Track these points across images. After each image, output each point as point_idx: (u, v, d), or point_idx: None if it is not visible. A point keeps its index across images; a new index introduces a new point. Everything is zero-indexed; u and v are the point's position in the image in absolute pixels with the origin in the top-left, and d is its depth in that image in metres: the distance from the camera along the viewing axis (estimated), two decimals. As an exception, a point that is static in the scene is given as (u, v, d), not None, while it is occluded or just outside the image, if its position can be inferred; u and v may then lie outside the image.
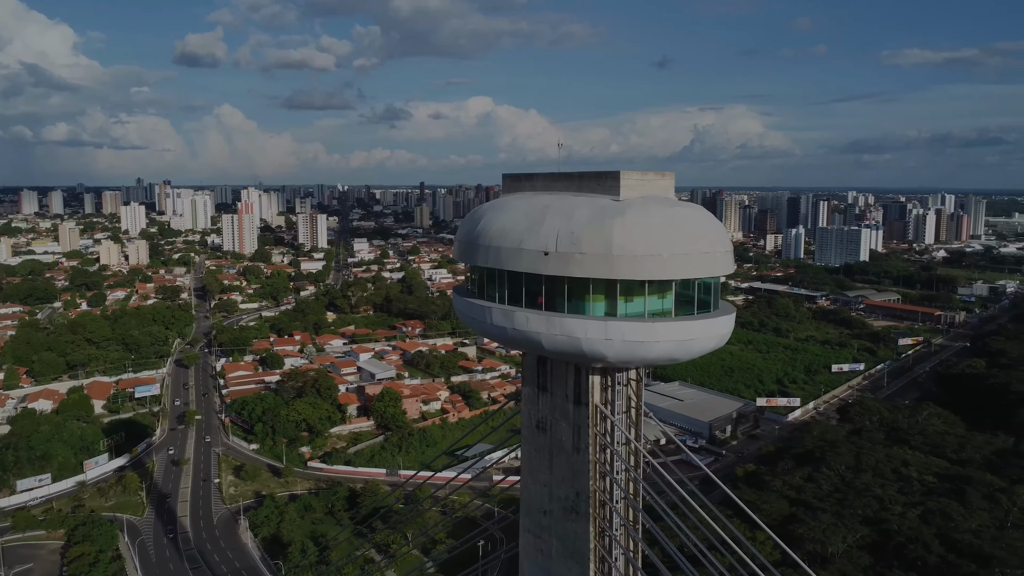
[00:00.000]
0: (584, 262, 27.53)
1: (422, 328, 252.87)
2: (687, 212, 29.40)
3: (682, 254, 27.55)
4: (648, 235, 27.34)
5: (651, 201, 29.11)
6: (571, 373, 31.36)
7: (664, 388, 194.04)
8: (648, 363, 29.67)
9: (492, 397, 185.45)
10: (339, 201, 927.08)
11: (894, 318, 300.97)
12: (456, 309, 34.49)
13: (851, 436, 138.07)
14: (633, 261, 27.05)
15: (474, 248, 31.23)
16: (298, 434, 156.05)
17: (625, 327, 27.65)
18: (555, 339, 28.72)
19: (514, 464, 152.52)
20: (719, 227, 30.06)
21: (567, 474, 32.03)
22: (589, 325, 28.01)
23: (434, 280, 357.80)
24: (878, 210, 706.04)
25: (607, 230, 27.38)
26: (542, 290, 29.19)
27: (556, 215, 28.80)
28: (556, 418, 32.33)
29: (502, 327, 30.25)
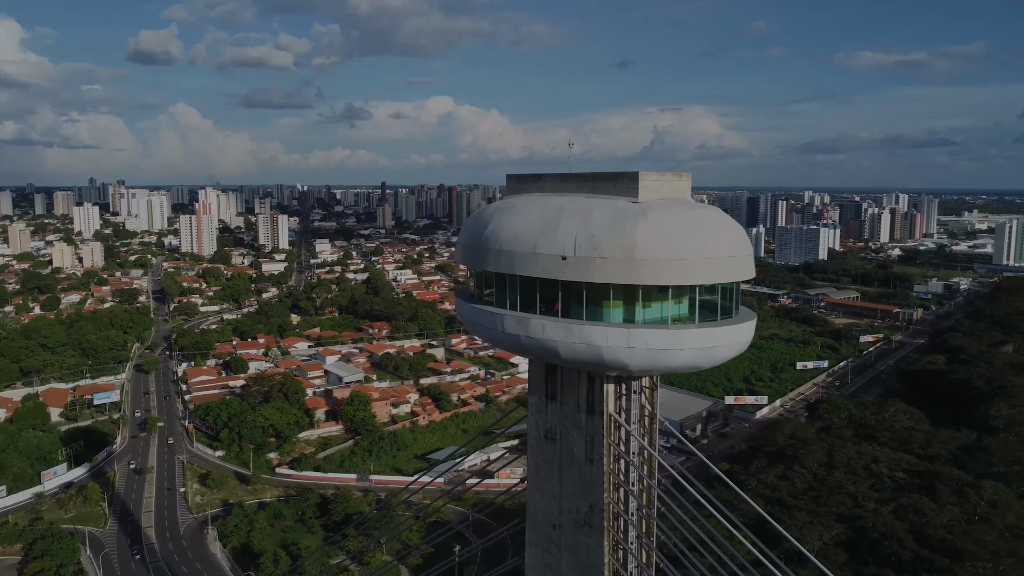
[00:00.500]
0: (605, 267, 26.43)
1: (389, 330, 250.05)
2: (709, 215, 28.52)
3: (707, 258, 26.63)
4: (672, 239, 26.36)
5: (672, 203, 28.15)
6: (583, 382, 30.26)
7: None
8: (670, 371, 28.76)
9: (462, 399, 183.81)
10: (299, 201, 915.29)
11: (854, 315, 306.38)
12: (460, 315, 33.15)
13: (821, 434, 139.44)
14: (657, 266, 26.04)
15: (482, 252, 29.94)
16: (265, 440, 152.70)
17: (648, 334, 26.65)
18: (573, 347, 27.59)
19: (485, 467, 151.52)
20: (740, 230, 29.26)
21: (579, 486, 30.93)
22: (610, 332, 26.94)
23: (399, 281, 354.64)
24: (835, 209, 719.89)
25: (629, 233, 26.32)
26: (558, 296, 28.04)
27: (573, 218, 27.66)
28: (567, 428, 31.19)
29: (514, 335, 29.03)
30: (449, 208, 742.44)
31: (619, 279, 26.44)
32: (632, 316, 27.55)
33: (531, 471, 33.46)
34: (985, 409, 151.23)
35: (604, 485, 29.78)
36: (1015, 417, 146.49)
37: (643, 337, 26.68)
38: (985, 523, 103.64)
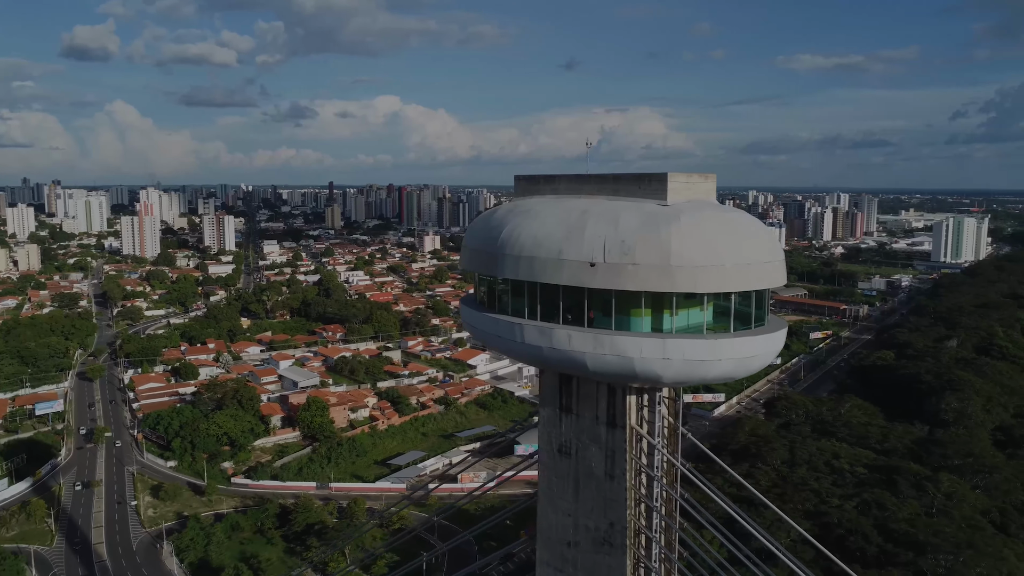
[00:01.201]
0: (638, 274, 25.08)
1: (343, 333, 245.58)
2: (742, 218, 27.42)
3: (744, 264, 25.49)
4: (708, 243, 25.16)
5: (702, 206, 26.99)
6: (603, 393, 28.88)
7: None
8: (704, 383, 27.63)
9: (421, 402, 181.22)
10: (244, 202, 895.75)
11: (802, 312, 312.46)
12: (468, 325, 31.45)
13: (781, 431, 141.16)
14: (694, 272, 24.80)
15: (496, 258, 28.30)
16: (219, 449, 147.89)
17: (685, 345, 25.40)
18: (603, 359, 26.17)
19: (448, 471, 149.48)
20: (773, 234, 28.26)
21: (598, 503, 29.54)
22: (644, 343, 25.59)
23: (352, 283, 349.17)
24: (779, 209, 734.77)
25: (663, 238, 25.02)
26: (585, 305, 26.58)
27: (599, 221, 26.23)
28: (584, 442, 29.78)
29: (536, 346, 27.47)
30: (399, 208, 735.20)
31: (653, 287, 25.15)
32: (660, 325, 26.30)
33: (543, 487, 31.94)
34: (935, 403, 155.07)
35: (627, 502, 28.45)
36: (964, 410, 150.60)
37: (679, 348, 25.43)
38: (944, 515, 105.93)
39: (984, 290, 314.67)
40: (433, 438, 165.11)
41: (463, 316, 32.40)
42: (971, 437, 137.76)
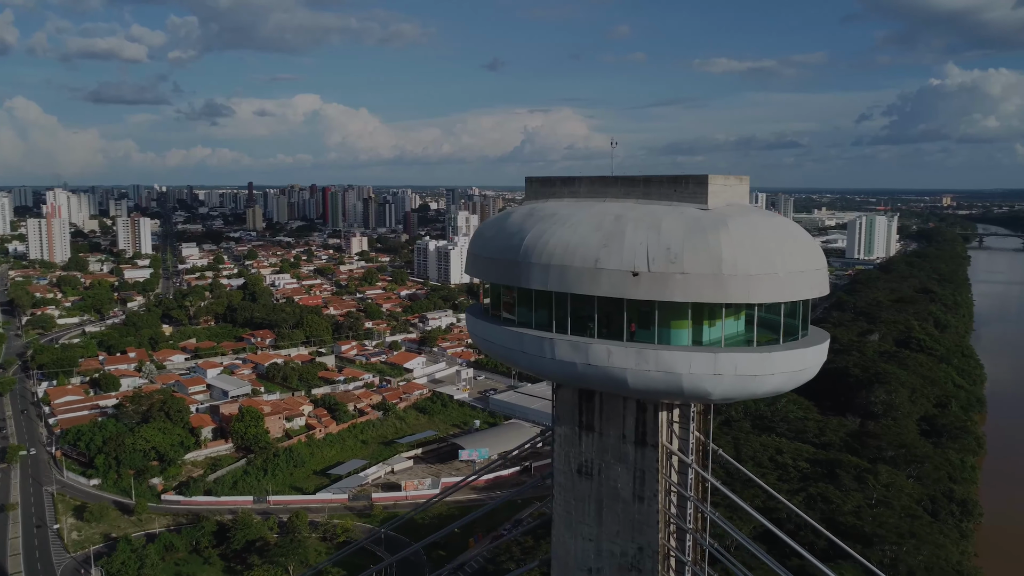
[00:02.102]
0: (687, 283, 23.36)
1: (273, 338, 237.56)
2: (787, 223, 26.08)
3: (797, 272, 24.11)
4: (760, 251, 23.65)
5: (747, 211, 25.48)
6: (631, 410, 27.10)
7: (533, 389, 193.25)
8: (753, 398, 26.03)
9: (359, 408, 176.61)
10: (159, 203, 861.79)
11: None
12: (481, 339, 29.10)
13: (723, 427, 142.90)
14: (747, 281, 23.25)
15: (520, 268, 26.13)
16: (147, 464, 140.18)
17: (738, 359, 23.80)
18: (646, 376, 24.34)
19: (390, 478, 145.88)
20: (816, 241, 26.96)
21: (624, 526, 27.75)
22: (694, 358, 23.87)
23: (278, 286, 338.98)
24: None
25: (714, 245, 23.37)
26: (624, 317, 24.70)
27: (639, 227, 24.39)
28: (608, 462, 27.94)
29: (569, 363, 25.44)
30: (323, 209, 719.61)
31: (703, 297, 23.50)
32: (700, 337, 24.71)
33: (559, 511, 29.99)
34: (865, 396, 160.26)
35: (659, 525, 26.76)
36: (891, 402, 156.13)
37: (731, 362, 23.84)
38: (884, 506, 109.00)
39: (898, 285, 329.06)
40: (373, 445, 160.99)
41: (473, 330, 30.07)
42: (900, 428, 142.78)
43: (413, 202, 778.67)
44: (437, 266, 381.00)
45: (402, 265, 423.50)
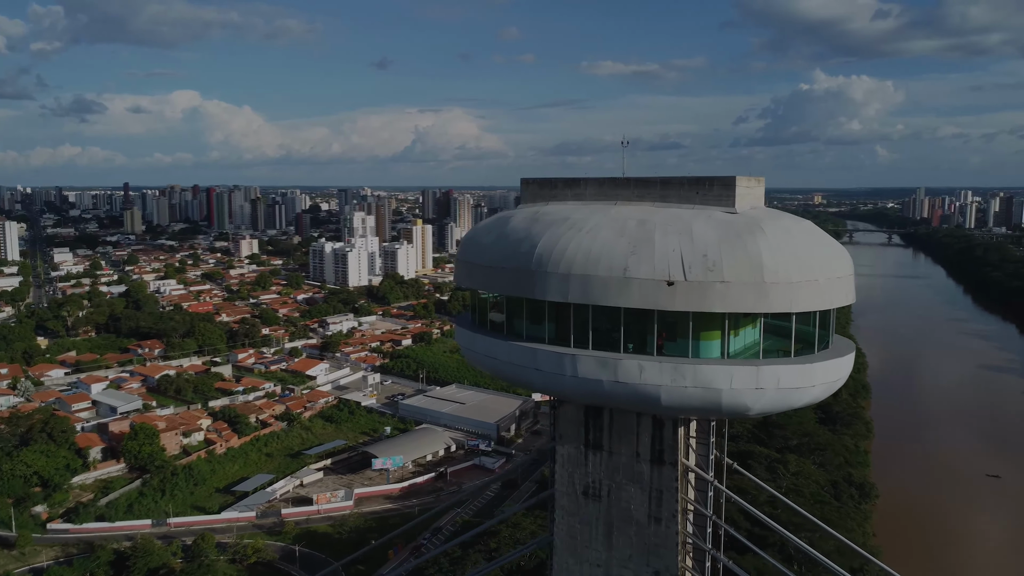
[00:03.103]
0: (727, 293, 21.88)
1: (162, 348, 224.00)
2: (815, 228, 24.97)
3: (835, 278, 23.12)
4: (799, 257, 22.51)
5: (777, 215, 24.32)
6: (646, 427, 25.50)
7: (443, 392, 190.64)
8: (788, 410, 24.78)
9: (261, 420, 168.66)
10: (23, 204, 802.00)
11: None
12: (482, 356, 26.65)
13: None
14: (790, 289, 22.01)
15: (534, 277, 23.99)
16: (29, 491, 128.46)
17: (781, 371, 22.53)
18: (683, 393, 22.71)
19: (300, 492, 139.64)
20: (842, 246, 26.01)
21: (638, 550, 26.14)
22: (736, 372, 22.41)
23: (164, 293, 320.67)
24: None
25: (753, 252, 21.98)
26: (655, 329, 22.99)
27: (669, 233, 22.74)
28: (619, 483, 26.25)
29: (594, 380, 23.49)
30: (208, 211, 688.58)
31: (744, 307, 22.10)
32: (727, 348, 23.34)
33: (561, 535, 28.04)
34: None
35: (678, 548, 25.27)
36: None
37: (773, 375, 22.55)
38: (796, 494, 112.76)
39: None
40: (279, 458, 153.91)
41: (469, 346, 27.57)
42: (801, 418, 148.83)
43: (303, 203, 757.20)
44: (334, 268, 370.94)
45: (296, 268, 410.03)
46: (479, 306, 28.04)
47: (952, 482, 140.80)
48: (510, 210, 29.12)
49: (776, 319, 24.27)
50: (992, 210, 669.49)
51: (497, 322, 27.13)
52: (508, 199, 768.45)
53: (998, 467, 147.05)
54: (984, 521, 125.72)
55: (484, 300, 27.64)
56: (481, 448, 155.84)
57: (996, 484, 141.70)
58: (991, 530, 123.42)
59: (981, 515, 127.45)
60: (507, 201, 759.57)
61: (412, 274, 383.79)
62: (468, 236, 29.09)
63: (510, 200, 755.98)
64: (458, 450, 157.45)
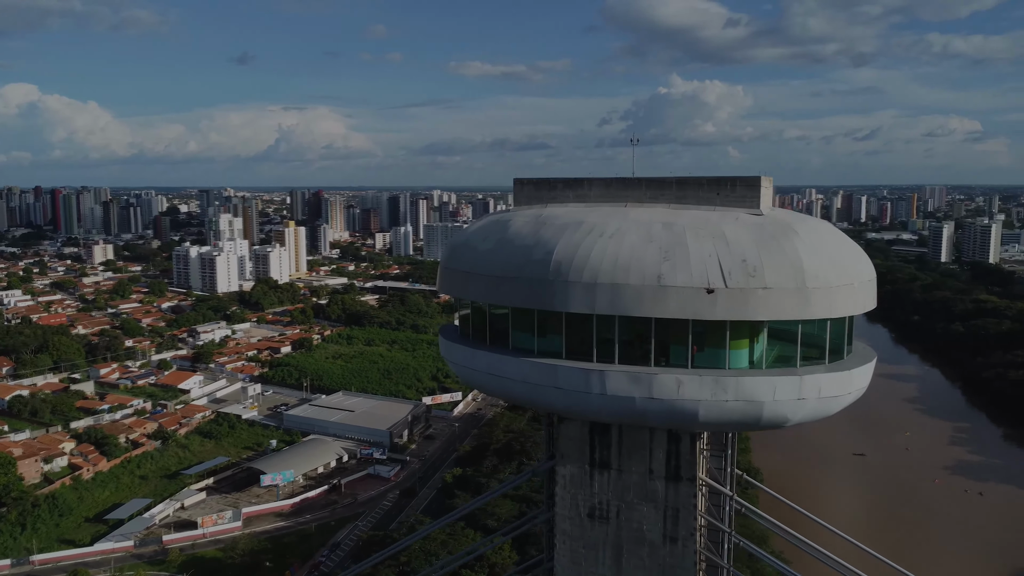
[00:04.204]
0: (769, 300, 20.61)
1: (12, 367, 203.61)
2: (836, 229, 24.13)
3: (867, 281, 22.36)
4: (836, 260, 21.62)
5: (801, 217, 23.36)
6: (660, 442, 23.98)
7: (329, 400, 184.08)
8: (821, 418, 23.67)
9: (132, 440, 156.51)
10: None
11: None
12: (484, 375, 24.20)
13: (533, 423, 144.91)
14: (829, 294, 21.01)
15: (553, 287, 21.95)
16: None
17: (822, 380, 21.53)
18: (723, 407, 21.26)
19: (181, 515, 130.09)
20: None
21: (653, 572, 24.70)
22: (779, 383, 21.18)
23: (9, 304, 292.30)
24: (467, 207, 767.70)
25: (792, 255, 20.85)
26: (689, 340, 21.42)
27: (701, 237, 21.26)
28: (630, 502, 24.60)
29: (626, 397, 21.65)
30: (53, 214, 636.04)
31: (785, 314, 20.94)
32: (753, 357, 22.17)
33: (562, 561, 26.09)
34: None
35: (695, 568, 23.93)
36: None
37: (815, 384, 21.54)
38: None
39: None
40: (155, 480, 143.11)
41: (466, 363, 24.99)
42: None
43: (160, 205, 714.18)
44: (201, 274, 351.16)
45: (158, 275, 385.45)
46: (475, 318, 25.62)
47: (825, 461, 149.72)
48: (500, 213, 26.97)
49: (784, 325, 23.42)
50: (835, 207, 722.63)
51: (501, 336, 24.75)
52: (380, 199, 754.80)
53: (863, 446, 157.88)
54: (849, 493, 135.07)
55: (482, 312, 25.24)
56: (375, 457, 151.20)
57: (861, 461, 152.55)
58: (854, 500, 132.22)
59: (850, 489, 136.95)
60: (379, 201, 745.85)
61: (286, 278, 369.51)
62: (458, 242, 26.62)
63: (383, 201, 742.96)
64: (350, 460, 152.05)
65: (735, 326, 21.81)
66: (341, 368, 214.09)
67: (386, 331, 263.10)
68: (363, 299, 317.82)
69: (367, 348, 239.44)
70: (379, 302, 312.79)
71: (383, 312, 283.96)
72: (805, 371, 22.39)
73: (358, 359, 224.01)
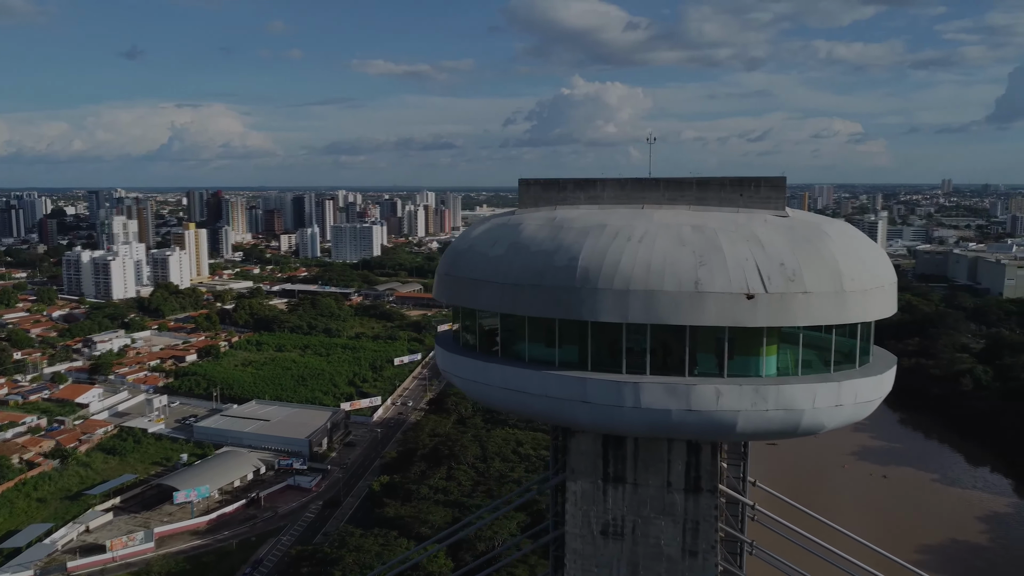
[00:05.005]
0: (809, 304, 19.95)
1: None
2: (857, 230, 23.69)
3: (892, 283, 22.02)
4: (867, 262, 21.25)
5: (824, 219, 22.82)
6: (679, 453, 23.11)
7: (242, 410, 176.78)
8: (850, 424, 23.16)
9: (27, 460, 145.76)
10: None
11: (423, 306, 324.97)
12: (500, 391, 22.72)
13: (458, 426, 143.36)
14: (864, 297, 20.54)
15: (581, 295, 20.72)
16: None
17: (859, 385, 21.11)
18: (763, 417, 20.48)
19: (86, 539, 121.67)
20: None
21: (672, 589, 23.66)
22: (819, 390, 20.58)
23: None
24: (375, 208, 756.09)
25: (828, 258, 20.32)
26: (726, 348, 20.53)
27: (736, 240, 20.38)
28: (646, 517, 23.63)
29: (662, 410, 20.57)
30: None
31: (824, 319, 20.39)
32: (778, 364, 21.59)
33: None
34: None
35: (717, 580, 23.19)
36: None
37: (853, 390, 21.04)
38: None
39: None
40: (55, 503, 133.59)
41: (476, 377, 23.25)
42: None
43: (44, 206, 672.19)
44: (95, 280, 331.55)
45: (46, 281, 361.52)
46: (483, 329, 24.00)
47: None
48: (506, 216, 25.40)
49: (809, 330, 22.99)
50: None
51: (512, 348, 23.23)
52: (284, 200, 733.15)
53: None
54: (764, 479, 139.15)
55: (491, 322, 23.68)
56: (295, 467, 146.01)
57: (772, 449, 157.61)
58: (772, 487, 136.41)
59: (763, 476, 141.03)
60: (283, 202, 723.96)
61: (187, 283, 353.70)
62: (461, 247, 24.90)
63: (286, 201, 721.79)
64: (268, 471, 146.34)
65: (768, 332, 21.19)
66: (252, 376, 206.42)
67: (298, 336, 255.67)
68: (271, 303, 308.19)
69: (279, 354, 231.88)
70: (289, 306, 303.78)
71: (294, 316, 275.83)
72: (842, 376, 22.08)
73: (270, 366, 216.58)
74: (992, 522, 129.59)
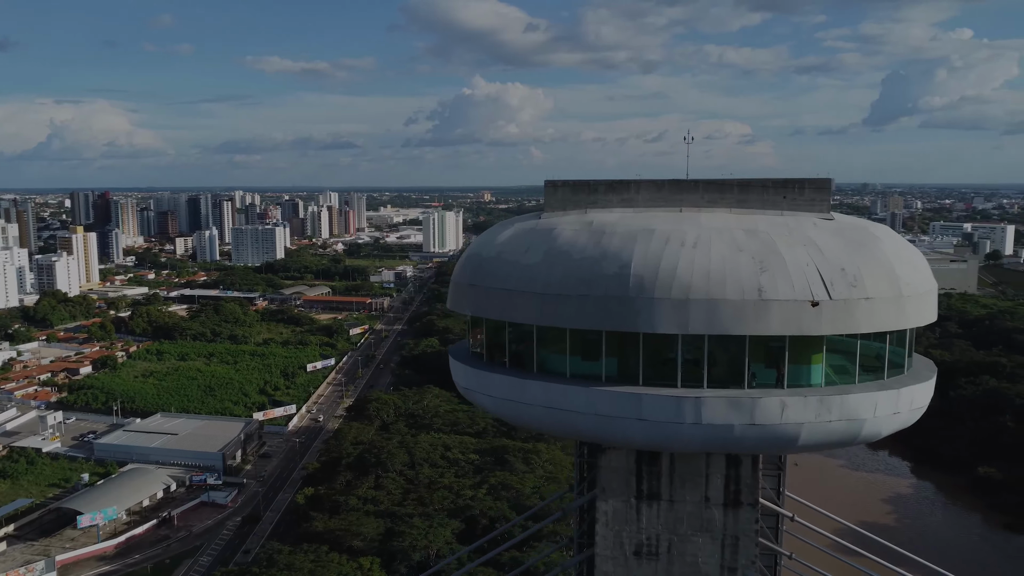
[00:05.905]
0: (872, 311, 19.30)
1: None
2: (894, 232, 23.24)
3: (936, 287, 21.68)
4: (918, 266, 20.81)
5: (867, 222, 22.22)
6: (718, 467, 22.14)
7: (147, 424, 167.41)
8: (893, 431, 22.52)
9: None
10: None
11: (332, 310, 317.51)
12: (542, 411, 21.17)
13: (382, 433, 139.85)
14: (919, 301, 20.16)
15: (635, 305, 19.38)
16: None
17: (915, 392, 20.60)
18: (825, 429, 19.74)
19: None
20: None
21: (709, 608, 22.69)
22: (880, 398, 19.95)
23: None
24: (276, 209, 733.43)
25: (885, 262, 19.74)
26: (786, 357, 19.63)
27: (794, 245, 19.52)
28: (683, 535, 22.57)
29: (724, 425, 19.45)
30: None
31: (886, 324, 19.80)
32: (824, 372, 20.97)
33: (600, 604, 23.48)
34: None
35: (758, 597, 22.39)
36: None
37: (910, 397, 20.53)
38: (553, 481, 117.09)
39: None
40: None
41: (512, 396, 21.33)
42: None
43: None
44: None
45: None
46: (514, 342, 22.26)
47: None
48: (534, 220, 23.65)
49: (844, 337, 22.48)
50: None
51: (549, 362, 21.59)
52: (178, 201, 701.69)
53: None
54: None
55: (526, 335, 21.88)
56: (208, 482, 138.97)
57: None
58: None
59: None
60: (177, 203, 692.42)
61: (77, 290, 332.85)
62: (486, 255, 22.94)
63: (181, 202, 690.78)
64: (180, 488, 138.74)
65: (821, 340, 20.56)
66: (155, 387, 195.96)
67: (201, 344, 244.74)
68: (171, 310, 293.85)
69: (182, 364, 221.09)
70: (189, 312, 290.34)
71: (195, 323, 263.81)
72: (898, 384, 21.66)
73: (173, 376, 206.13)
74: (896, 503, 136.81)
